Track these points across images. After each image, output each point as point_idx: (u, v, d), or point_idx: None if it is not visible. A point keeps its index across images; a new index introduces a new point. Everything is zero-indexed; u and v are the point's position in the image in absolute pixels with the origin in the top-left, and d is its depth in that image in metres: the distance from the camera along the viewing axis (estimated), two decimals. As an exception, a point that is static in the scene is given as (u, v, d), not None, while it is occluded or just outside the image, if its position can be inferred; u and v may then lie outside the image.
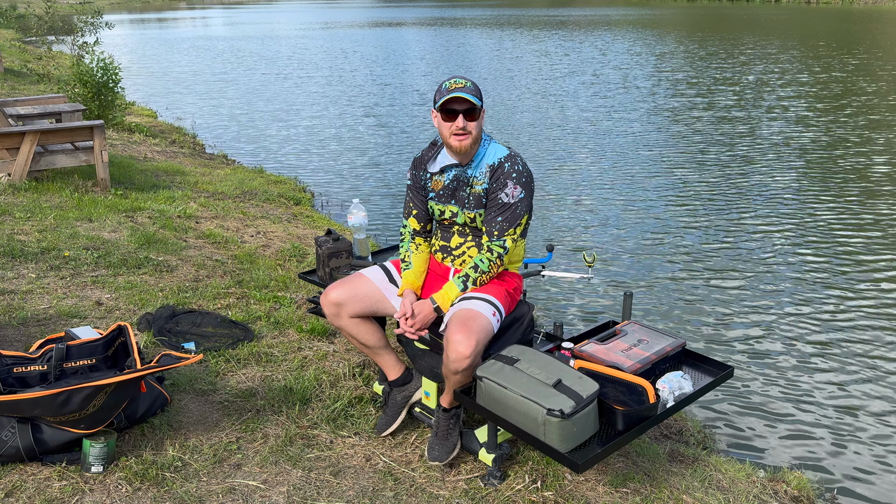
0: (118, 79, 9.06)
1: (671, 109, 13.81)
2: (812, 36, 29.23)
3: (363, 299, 2.72)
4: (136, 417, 2.76)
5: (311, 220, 6.75)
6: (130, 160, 7.96)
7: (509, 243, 2.65)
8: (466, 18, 41.54)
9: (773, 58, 21.62)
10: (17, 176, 5.98)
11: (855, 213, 7.72)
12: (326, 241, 3.31)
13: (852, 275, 6.16)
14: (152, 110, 13.42)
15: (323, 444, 2.82)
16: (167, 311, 3.73)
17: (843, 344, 5.01)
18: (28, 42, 22.57)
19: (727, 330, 5.20)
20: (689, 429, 3.76)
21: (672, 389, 2.46)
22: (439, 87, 2.62)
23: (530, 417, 2.28)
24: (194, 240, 5.26)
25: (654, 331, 2.85)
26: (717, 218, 7.61)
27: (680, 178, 9.12)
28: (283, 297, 4.20)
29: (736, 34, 30.20)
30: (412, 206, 2.85)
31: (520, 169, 2.65)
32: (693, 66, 20.13)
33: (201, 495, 2.46)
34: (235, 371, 3.30)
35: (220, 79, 18.62)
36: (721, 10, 49.35)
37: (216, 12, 56.71)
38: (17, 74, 14.31)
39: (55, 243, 4.66)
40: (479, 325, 2.47)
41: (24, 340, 3.36)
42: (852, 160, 9.96)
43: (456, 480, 2.65)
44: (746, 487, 3.03)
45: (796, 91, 15.74)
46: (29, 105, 7.24)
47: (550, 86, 16.67)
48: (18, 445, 2.45)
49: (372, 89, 16.57)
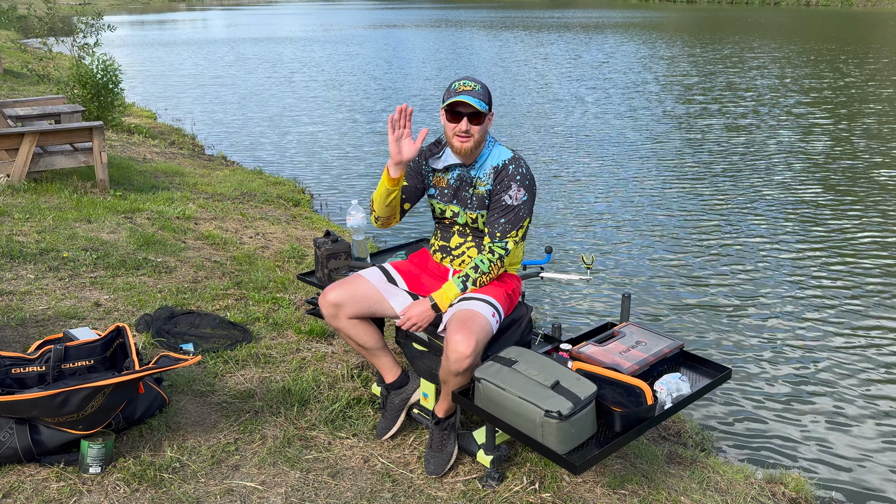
0: (118, 80, 9.06)
1: (671, 112, 13.83)
2: (817, 38, 29.27)
3: (361, 300, 2.72)
4: (135, 418, 2.76)
5: (309, 221, 6.76)
6: (130, 161, 7.96)
7: (511, 245, 2.66)
8: (467, 21, 41.57)
9: (781, 61, 21.63)
10: (16, 177, 5.98)
11: (856, 216, 7.73)
12: (325, 242, 3.31)
13: (852, 276, 6.16)
14: (151, 112, 13.41)
15: (321, 445, 2.82)
16: (166, 312, 3.73)
17: (841, 346, 5.02)
18: (28, 43, 22.57)
19: (725, 332, 5.20)
20: (687, 430, 3.76)
21: (670, 391, 2.47)
22: (449, 86, 2.62)
23: (528, 419, 2.28)
24: (193, 241, 5.26)
25: (653, 332, 2.86)
26: (715, 221, 7.62)
27: (679, 181, 9.13)
28: (282, 298, 4.20)
29: (739, 37, 30.23)
30: None
31: (523, 172, 2.66)
32: (696, 69, 20.16)
33: (199, 496, 2.46)
34: (234, 372, 3.30)
35: (220, 80, 18.63)
36: (721, 13, 49.41)
37: (215, 14, 56.72)
38: (16, 75, 14.31)
39: (54, 244, 4.66)
40: (478, 325, 2.47)
41: (23, 341, 3.36)
42: (855, 163, 9.97)
43: (454, 482, 2.65)
44: (744, 489, 3.03)
45: (800, 95, 15.77)
46: (28, 106, 7.24)
47: (551, 88, 16.68)
48: (16, 446, 2.45)
49: (372, 91, 16.58)
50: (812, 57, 22.55)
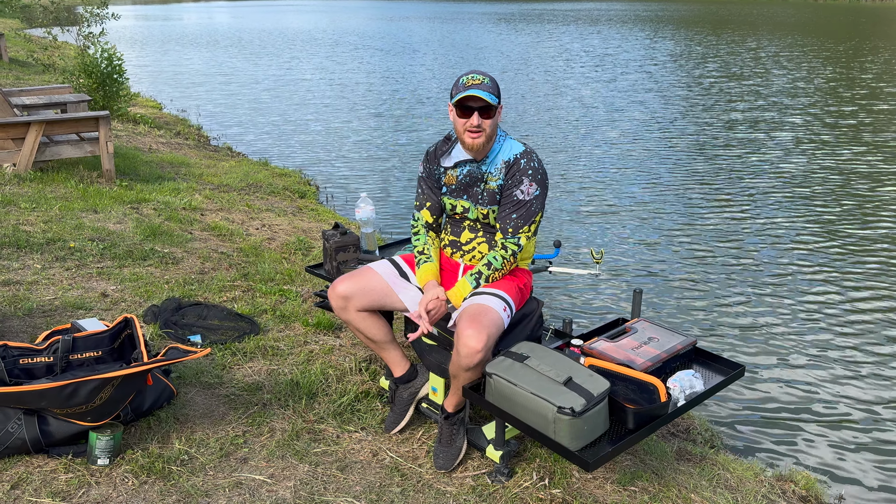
0: (122, 70, 9.03)
1: (685, 106, 13.75)
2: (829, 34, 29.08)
3: (371, 293, 2.70)
4: (143, 410, 2.74)
5: (315, 213, 6.73)
6: (135, 151, 7.94)
7: (523, 241, 2.63)
8: (478, 14, 41.40)
9: (796, 57, 21.47)
10: (22, 166, 5.96)
11: (872, 214, 7.67)
12: (334, 234, 3.28)
13: (870, 275, 6.11)
14: (157, 101, 13.39)
15: (329, 438, 2.80)
16: (173, 303, 3.71)
17: (855, 344, 4.98)
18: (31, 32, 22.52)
19: (737, 328, 5.17)
20: (697, 427, 3.74)
21: (683, 388, 2.44)
22: (457, 81, 2.58)
23: (540, 415, 2.26)
24: (199, 232, 5.24)
25: (665, 328, 2.83)
26: (728, 215, 7.57)
27: (691, 174, 9.08)
28: (289, 290, 4.18)
29: (750, 32, 30.04)
30: (425, 198, 2.81)
31: (535, 166, 2.62)
32: (712, 65, 20.05)
33: (207, 489, 2.45)
34: (242, 364, 3.28)
35: (225, 71, 18.58)
36: (729, 8, 49.11)
37: (222, 5, 56.56)
38: (22, 64, 14.28)
39: (60, 234, 4.65)
40: (489, 320, 2.45)
41: (30, 331, 3.35)
42: (873, 161, 9.89)
43: (463, 477, 2.63)
44: (754, 487, 3.01)
45: (818, 92, 15.66)
46: (34, 95, 7.22)
47: (563, 81, 16.61)
48: (25, 437, 2.44)
49: (379, 83, 16.52)
50: (826, 54, 22.40)
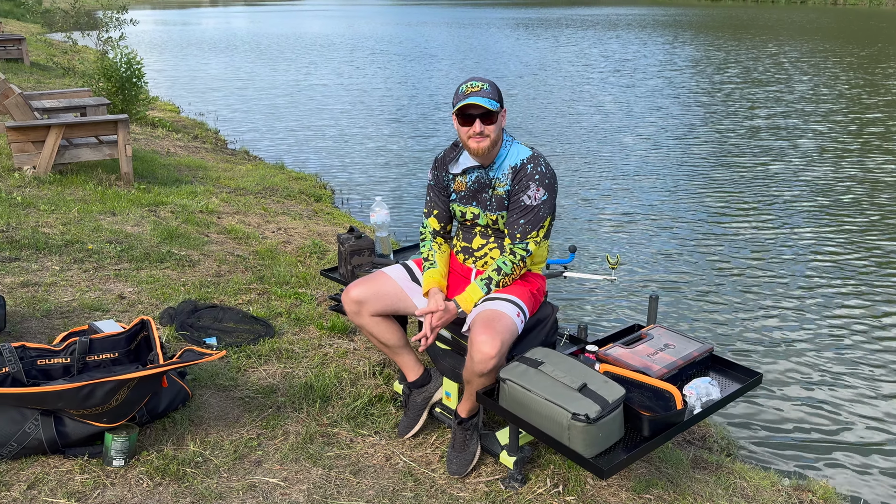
0: (141, 74, 9.12)
1: (703, 113, 13.67)
2: (850, 39, 28.83)
3: (384, 298, 2.70)
4: (158, 412, 2.76)
5: (331, 217, 6.75)
6: (153, 155, 8.01)
7: (532, 246, 2.62)
8: (496, 19, 41.44)
9: (816, 64, 21.29)
10: (41, 169, 6.03)
11: (893, 222, 7.58)
12: (349, 238, 3.29)
13: (887, 282, 6.04)
14: (175, 105, 13.50)
15: (343, 442, 2.80)
16: (189, 305, 3.74)
17: (872, 352, 4.92)
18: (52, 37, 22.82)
19: (756, 339, 5.11)
20: (713, 435, 3.70)
21: (699, 395, 2.42)
22: (457, 89, 2.59)
23: (555, 421, 2.24)
24: (216, 235, 5.27)
25: (681, 335, 2.81)
26: (749, 225, 7.50)
27: (710, 182, 9.01)
28: (304, 293, 4.19)
29: (771, 36, 29.84)
30: (433, 205, 2.83)
31: (542, 170, 2.61)
32: (730, 69, 19.93)
33: (222, 491, 2.46)
34: (256, 367, 3.29)
35: (243, 75, 18.71)
36: (746, 12, 48.83)
37: (240, 9, 57.03)
38: (42, 68, 14.45)
39: (79, 236, 4.69)
40: (503, 326, 2.44)
41: (48, 332, 3.38)
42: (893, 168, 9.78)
43: (476, 483, 2.62)
44: (771, 496, 2.97)
45: (837, 98, 15.52)
46: (54, 99, 7.31)
47: (581, 86, 16.57)
48: (41, 438, 2.46)
49: (396, 88, 16.56)
50: (848, 59, 22.20)
